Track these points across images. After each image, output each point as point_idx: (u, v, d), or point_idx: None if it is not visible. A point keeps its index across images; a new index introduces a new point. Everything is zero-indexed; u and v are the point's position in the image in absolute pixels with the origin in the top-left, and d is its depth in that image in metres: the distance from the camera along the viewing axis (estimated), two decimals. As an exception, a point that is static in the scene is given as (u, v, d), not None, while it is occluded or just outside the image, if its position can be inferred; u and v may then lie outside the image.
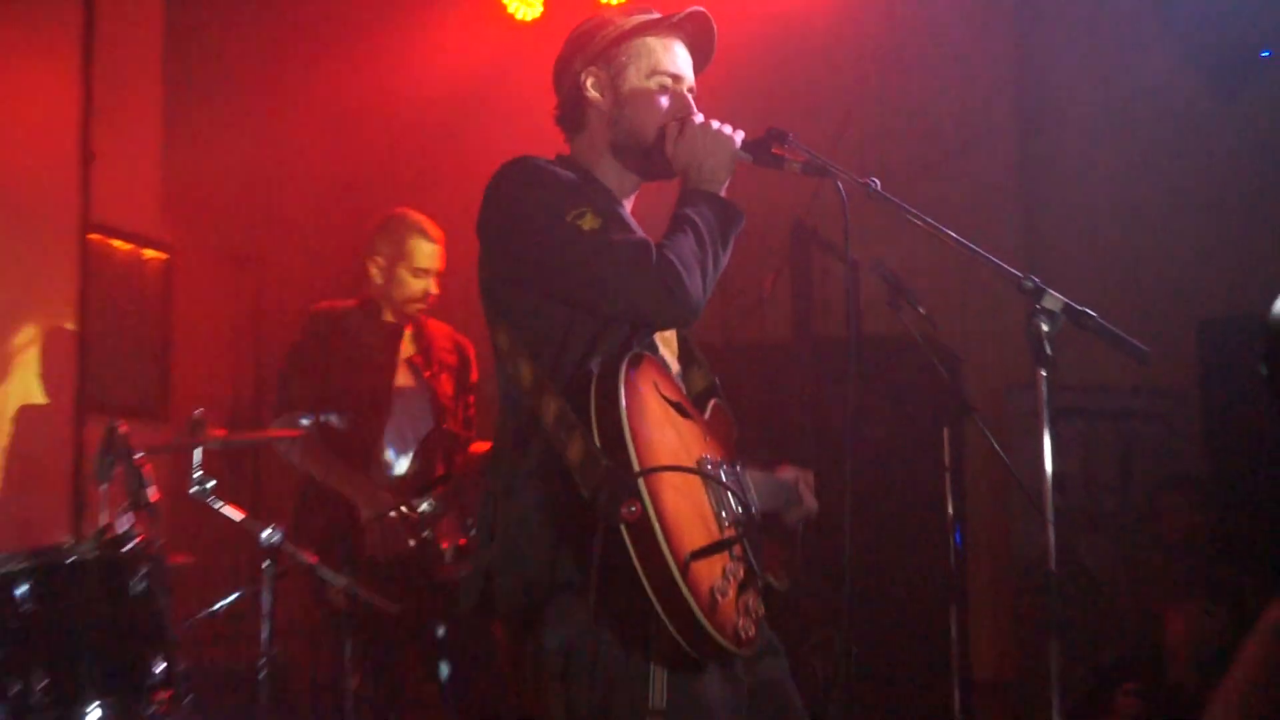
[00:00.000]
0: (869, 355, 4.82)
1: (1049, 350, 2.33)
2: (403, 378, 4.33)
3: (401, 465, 4.24)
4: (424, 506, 3.82)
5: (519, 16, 6.32)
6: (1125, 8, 5.86)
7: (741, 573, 2.33)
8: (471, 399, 4.54)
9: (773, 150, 2.59)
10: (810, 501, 2.78)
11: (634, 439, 2.21)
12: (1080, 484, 5.42)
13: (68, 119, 5.08)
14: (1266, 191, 5.51)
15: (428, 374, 4.35)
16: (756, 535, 2.45)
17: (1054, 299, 2.33)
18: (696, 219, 2.47)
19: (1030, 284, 2.35)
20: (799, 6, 5.97)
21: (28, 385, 5.33)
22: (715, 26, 2.74)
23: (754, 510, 2.50)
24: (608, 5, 5.81)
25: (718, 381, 2.74)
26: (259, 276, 6.45)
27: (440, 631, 4.03)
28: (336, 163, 6.40)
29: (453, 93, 6.14)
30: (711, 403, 2.67)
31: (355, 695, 4.01)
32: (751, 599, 2.36)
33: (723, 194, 2.55)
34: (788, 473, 2.78)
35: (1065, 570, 2.59)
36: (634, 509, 2.15)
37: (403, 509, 3.83)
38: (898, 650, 4.81)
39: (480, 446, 4.32)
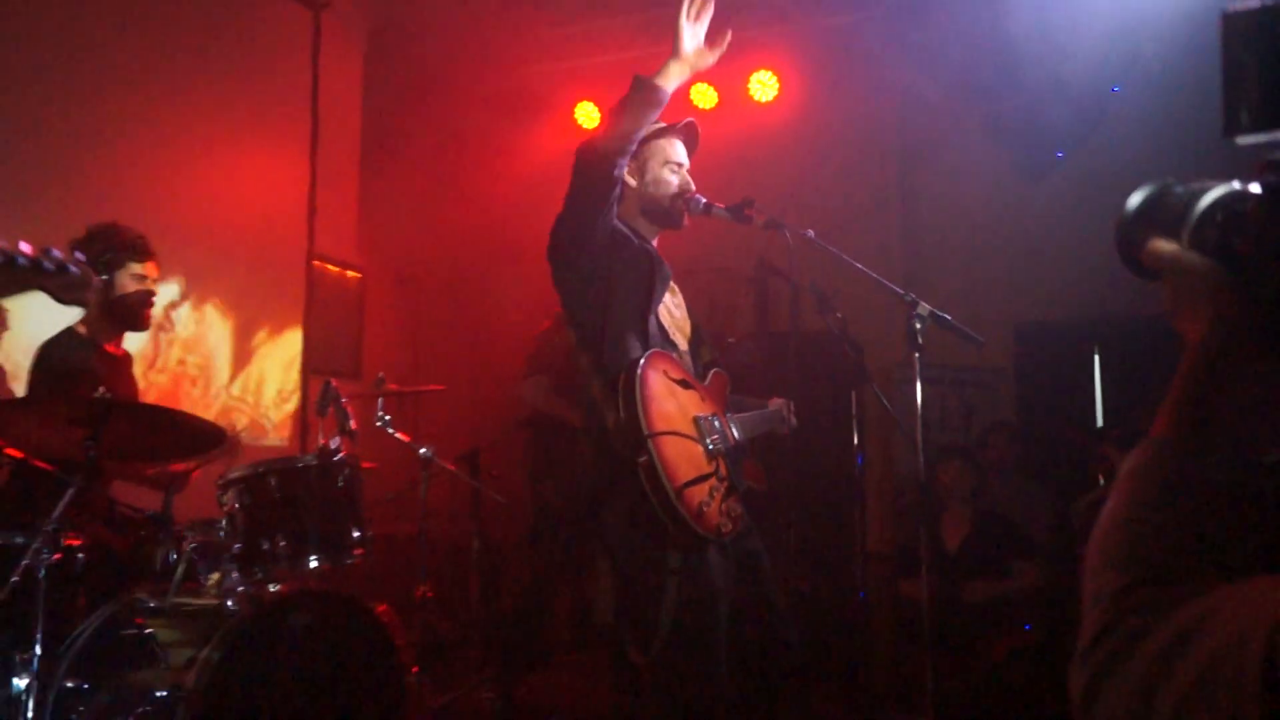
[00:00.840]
0: (804, 344, 4.84)
1: (920, 340, 2.37)
2: None
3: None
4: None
5: (583, 125, 6.36)
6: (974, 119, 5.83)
7: (724, 489, 2.39)
8: None
9: (744, 211, 2.63)
10: (792, 420, 2.83)
11: (643, 413, 2.28)
12: (938, 426, 5.48)
13: (301, 186, 5.14)
14: (1060, 239, 5.52)
15: None
16: (736, 462, 2.51)
17: (924, 307, 2.38)
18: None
19: (910, 297, 2.40)
20: (757, 121, 5.98)
21: (271, 360, 5.39)
22: (699, 131, 2.77)
23: (734, 445, 2.54)
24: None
25: (717, 355, 2.77)
26: (416, 289, 6.49)
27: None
28: (472, 214, 6.39)
29: (547, 167, 6.15)
30: (713, 371, 2.70)
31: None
32: (732, 504, 2.42)
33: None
34: (776, 402, 2.83)
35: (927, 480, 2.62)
36: (644, 459, 2.22)
37: None
38: (820, 533, 4.86)
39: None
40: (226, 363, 5.09)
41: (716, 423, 2.51)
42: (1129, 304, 5.45)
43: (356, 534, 2.96)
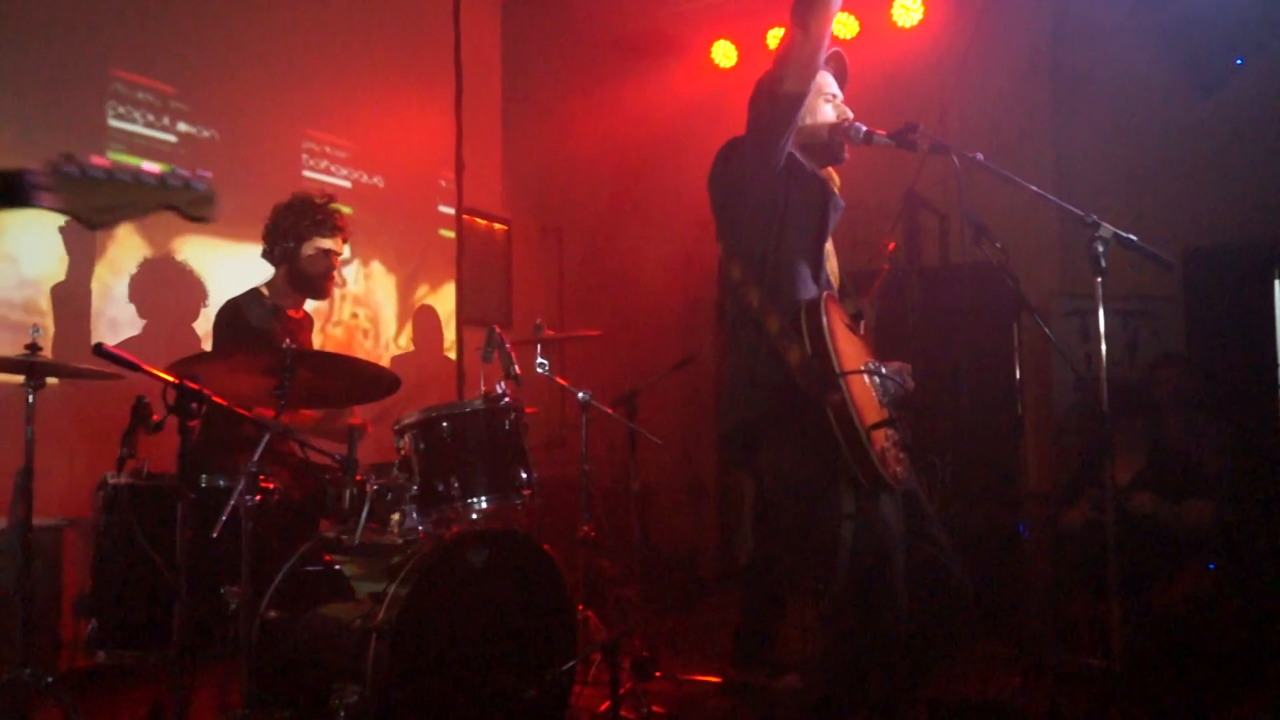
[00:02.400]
0: (962, 277, 4.69)
1: (1104, 264, 2.23)
2: None
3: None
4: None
5: (720, 65, 6.25)
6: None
7: (896, 435, 2.33)
8: None
9: (909, 136, 2.51)
10: (910, 382, 2.63)
11: (835, 350, 2.22)
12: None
13: (449, 144, 5.21)
14: (1233, 157, 5.11)
15: None
16: (903, 411, 2.44)
17: (1107, 229, 2.23)
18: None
19: (1091, 219, 2.25)
20: (902, 48, 5.75)
21: (432, 311, 5.55)
22: (847, 61, 2.67)
23: (901, 393, 2.47)
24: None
25: (862, 308, 2.69)
26: (559, 238, 6.55)
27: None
28: (610, 163, 6.41)
29: (685, 109, 6.09)
30: (861, 323, 2.62)
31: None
32: (902, 451, 2.36)
33: None
34: (895, 364, 2.71)
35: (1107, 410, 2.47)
36: (837, 397, 2.17)
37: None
38: (980, 469, 4.73)
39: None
40: (394, 316, 5.28)
41: (879, 370, 2.45)
42: (1314, 222, 5.08)
43: (524, 475, 3.02)
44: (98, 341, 2.35)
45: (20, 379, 2.71)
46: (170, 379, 2.37)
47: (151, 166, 1.41)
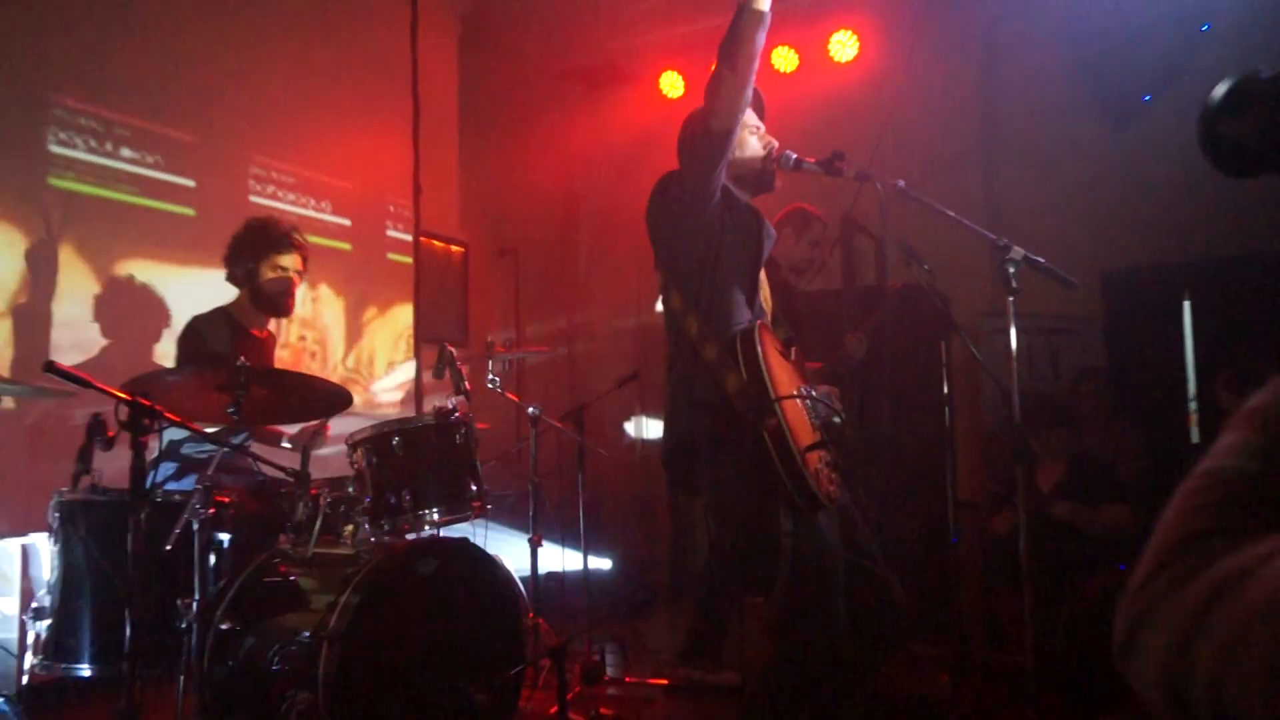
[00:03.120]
0: (894, 298, 4.77)
1: (1014, 284, 2.30)
2: None
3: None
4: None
5: (668, 95, 6.32)
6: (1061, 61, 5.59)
7: (828, 456, 2.37)
8: None
9: (835, 164, 2.56)
10: (837, 406, 2.70)
11: (770, 377, 2.25)
12: (1026, 374, 5.36)
13: (402, 170, 5.20)
14: (1147, 186, 5.28)
15: None
16: (834, 432, 2.48)
17: (1017, 251, 2.30)
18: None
19: (1003, 242, 2.32)
20: (838, 81, 5.85)
21: (383, 331, 5.51)
22: (764, 98, 2.73)
23: (831, 417, 2.52)
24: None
25: (792, 335, 2.73)
26: (515, 259, 6.56)
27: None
28: (564, 186, 6.44)
29: (635, 137, 6.14)
30: (793, 349, 2.66)
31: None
32: (834, 471, 2.40)
33: None
34: (823, 388, 2.75)
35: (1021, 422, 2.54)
36: (773, 422, 2.20)
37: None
38: (912, 481, 4.80)
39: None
40: (341, 338, 5.24)
41: (809, 395, 2.49)
42: (1219, 246, 5.24)
43: (474, 488, 3.01)
44: (49, 359, 2.32)
45: (-25, 397, 2.67)
46: (122, 396, 2.35)
47: None
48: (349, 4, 5.39)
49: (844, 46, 5.85)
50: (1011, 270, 2.31)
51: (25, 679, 2.91)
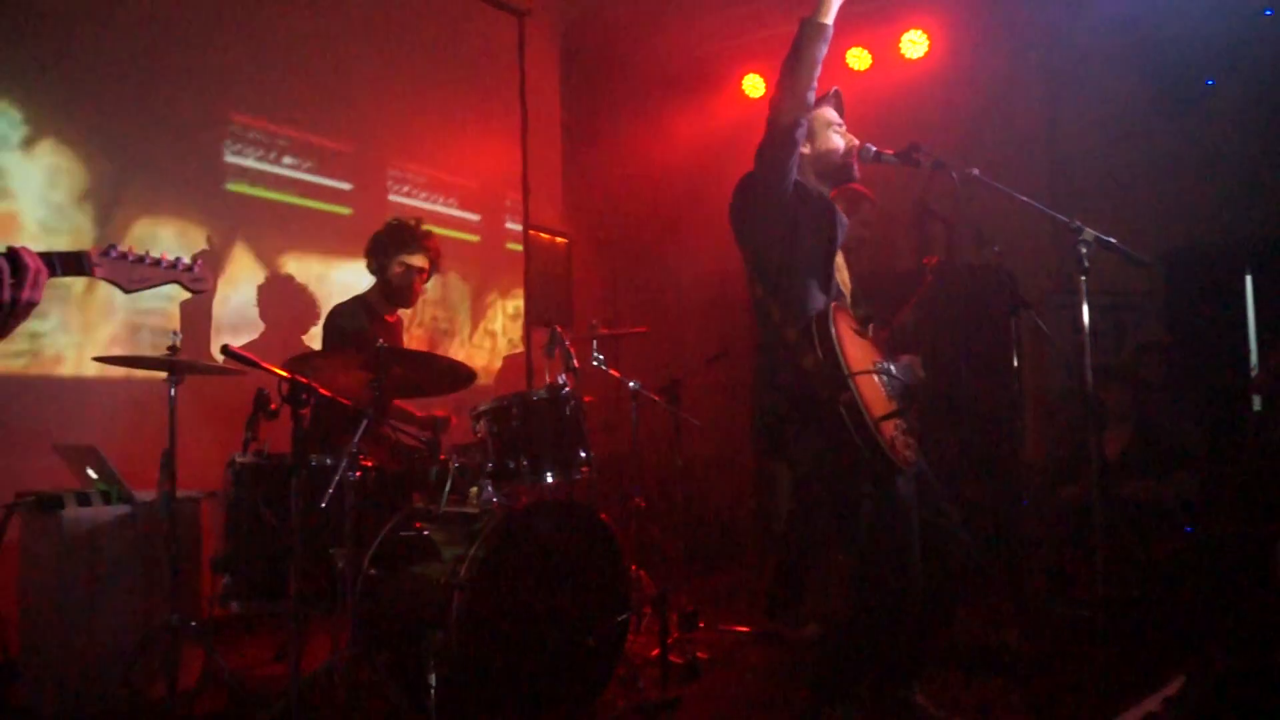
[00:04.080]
0: (964, 277, 4.65)
1: (1086, 264, 2.21)
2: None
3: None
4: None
5: (750, 95, 6.24)
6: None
7: (904, 424, 2.34)
8: None
9: (912, 155, 2.51)
10: (920, 373, 2.67)
11: (843, 355, 2.23)
12: (1091, 348, 5.17)
13: (515, 169, 5.30)
14: (1209, 166, 4.99)
15: None
16: (910, 401, 2.44)
17: (1089, 232, 2.21)
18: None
19: (1075, 224, 2.24)
20: (909, 77, 5.68)
21: (500, 314, 5.62)
22: (843, 97, 2.67)
23: (903, 388, 2.48)
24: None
25: (872, 311, 2.69)
26: (614, 251, 6.60)
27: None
28: (656, 182, 6.43)
29: (720, 135, 6.10)
30: (871, 324, 2.62)
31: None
32: (911, 439, 2.37)
33: None
34: (906, 358, 2.70)
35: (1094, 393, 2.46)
36: (847, 396, 2.18)
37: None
38: (984, 448, 4.68)
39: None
40: (467, 318, 5.37)
41: (886, 368, 2.46)
42: (1282, 224, 4.93)
43: (582, 454, 3.06)
44: (224, 344, 2.44)
45: (164, 376, 2.83)
46: (284, 374, 2.46)
47: (168, 255, 1.73)
48: (467, 25, 5.47)
49: (914, 45, 5.68)
50: (1084, 251, 2.22)
51: (210, 612, 3.09)
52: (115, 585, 2.97)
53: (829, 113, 2.61)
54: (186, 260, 1.76)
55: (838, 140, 2.59)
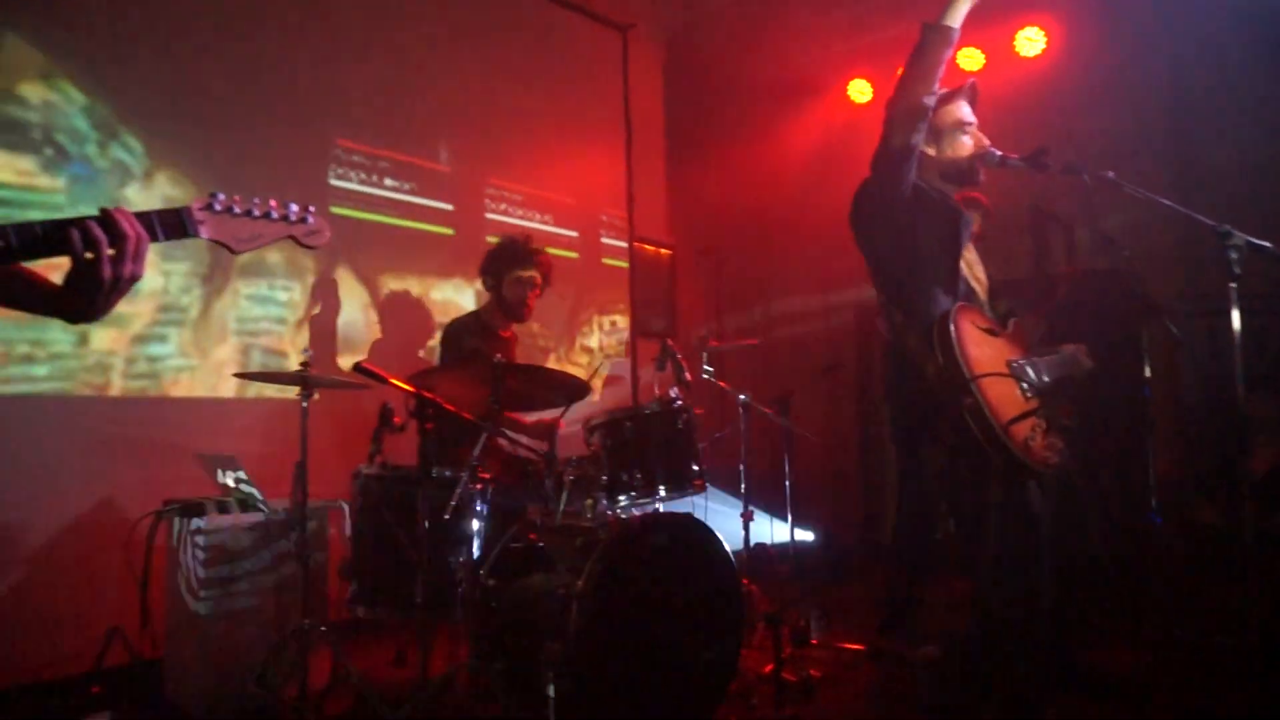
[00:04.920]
0: (1088, 284, 4.44)
1: (1237, 270, 2.08)
2: None
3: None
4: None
5: (856, 101, 6.13)
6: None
7: (1045, 425, 2.25)
8: None
9: (1040, 158, 2.42)
10: (1087, 362, 2.57)
11: (963, 359, 2.17)
12: (1227, 354, 4.83)
13: (619, 182, 5.34)
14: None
15: None
16: (1052, 400, 2.35)
17: (1239, 236, 2.08)
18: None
19: (1224, 228, 2.11)
20: (1024, 77, 5.47)
21: (596, 330, 5.66)
22: (979, 90, 2.58)
23: (1046, 385, 2.38)
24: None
25: (1013, 307, 2.60)
26: (716, 259, 6.58)
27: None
28: (760, 190, 6.38)
29: (825, 141, 6.02)
30: (1012, 320, 2.54)
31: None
32: (1053, 439, 2.27)
33: None
34: (1069, 348, 2.60)
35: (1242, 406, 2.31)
36: (969, 401, 2.12)
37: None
38: (1113, 462, 4.46)
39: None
40: (566, 334, 5.45)
41: (1028, 366, 2.37)
42: None
43: (695, 468, 3.06)
44: (358, 361, 2.55)
45: (296, 391, 2.97)
46: (412, 390, 2.54)
47: (274, 203, 1.46)
48: (571, 43, 5.57)
49: (1031, 42, 5.48)
50: (1234, 256, 2.08)
51: (337, 616, 3.21)
52: (251, 589, 3.13)
53: (960, 110, 2.55)
54: (297, 209, 1.48)
55: (966, 143, 2.52)
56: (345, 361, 4.31)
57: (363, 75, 4.53)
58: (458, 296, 3.92)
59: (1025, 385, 2.29)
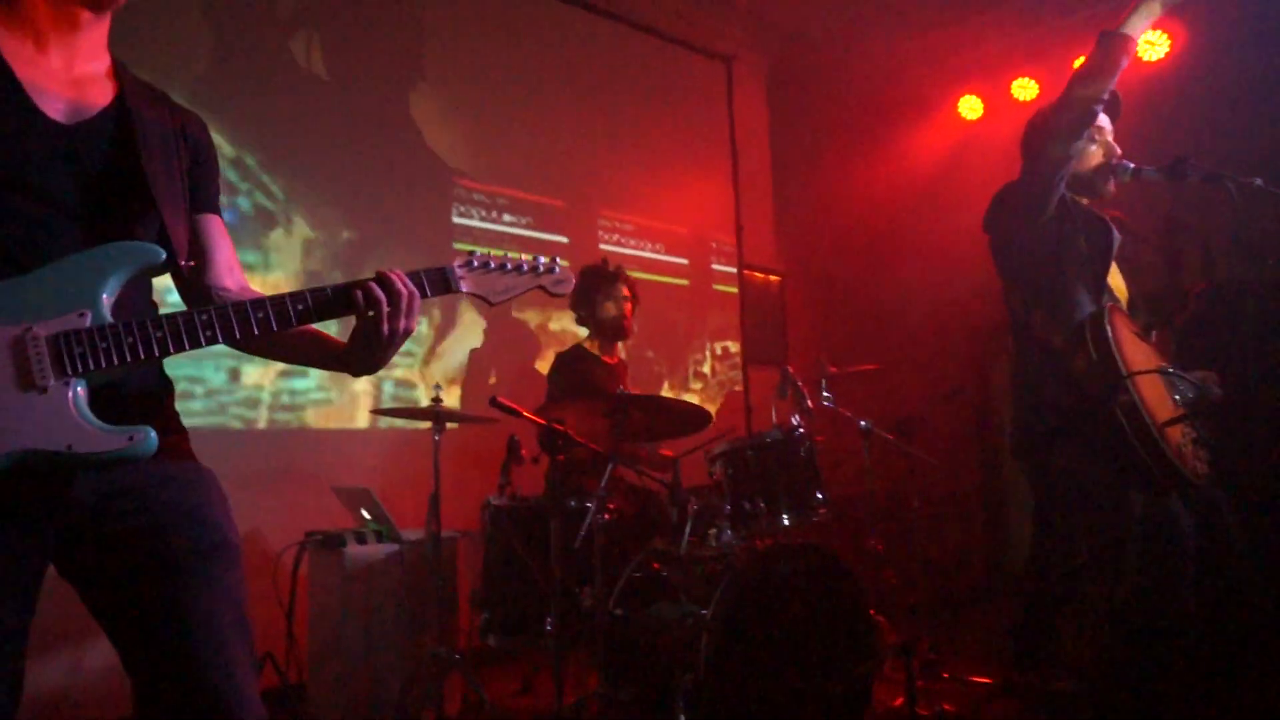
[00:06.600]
0: (1228, 295, 4.20)
1: None
2: None
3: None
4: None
5: (967, 118, 6.01)
6: None
7: (1194, 434, 2.14)
8: None
9: (1179, 169, 2.33)
10: (1216, 392, 2.42)
11: (1120, 354, 2.09)
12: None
13: (727, 209, 5.37)
14: None
15: None
16: (1203, 410, 2.24)
17: None
18: None
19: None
20: (1143, 80, 5.25)
21: (709, 357, 5.67)
22: (1120, 98, 2.50)
23: (1198, 394, 2.28)
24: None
25: (1154, 320, 2.50)
26: (828, 286, 6.53)
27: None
28: (869, 212, 6.31)
29: (935, 160, 5.93)
30: (1154, 333, 2.44)
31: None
32: (1202, 451, 2.16)
33: None
34: (1199, 374, 2.49)
35: None
36: (1124, 397, 2.04)
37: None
38: (1251, 478, 4.17)
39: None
40: (680, 362, 5.48)
41: (1175, 377, 2.27)
42: None
43: (818, 496, 3.03)
44: (493, 395, 2.64)
45: (428, 425, 3.09)
46: (544, 423, 2.62)
47: (525, 258, 1.54)
48: (674, 76, 5.67)
49: (1153, 47, 5.26)
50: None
51: (468, 644, 3.30)
52: (387, 617, 3.25)
53: (1099, 118, 2.47)
54: (545, 260, 1.55)
55: (1097, 155, 2.45)
56: (464, 393, 4.47)
57: (479, 119, 4.73)
58: (575, 327, 4.01)
59: (1175, 391, 2.19)
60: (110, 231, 1.24)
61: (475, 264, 1.47)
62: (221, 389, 3.75)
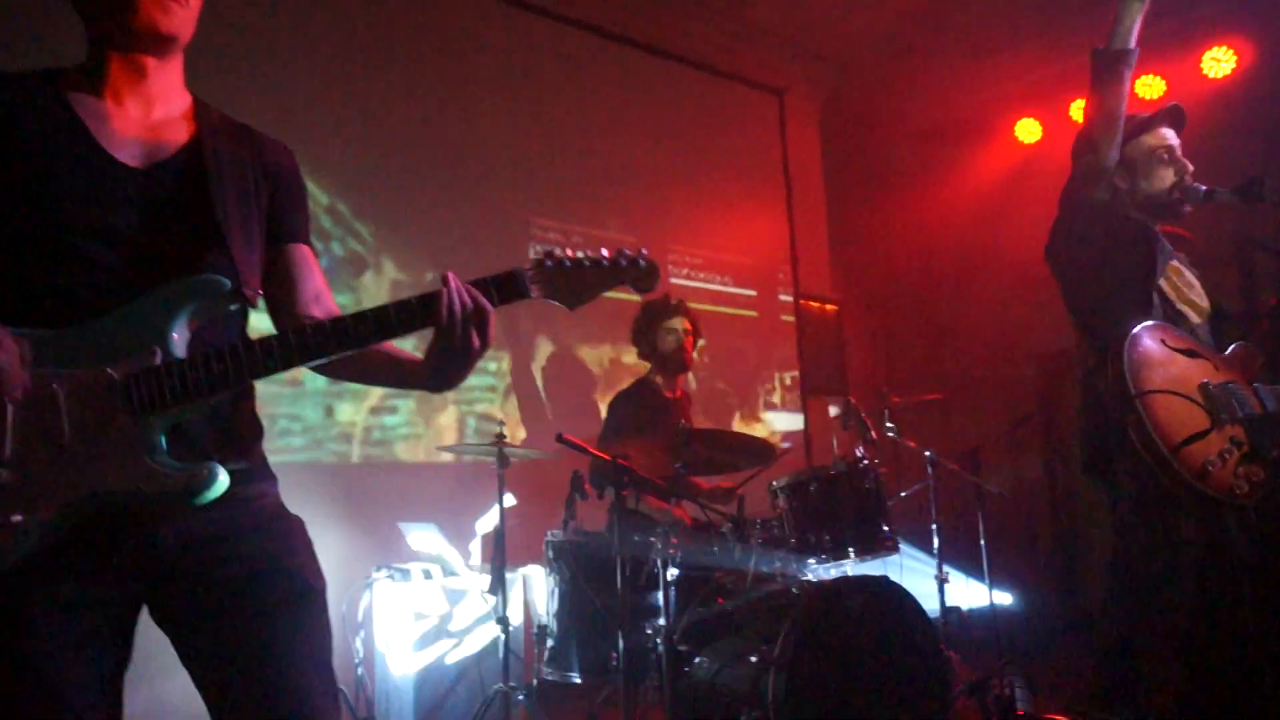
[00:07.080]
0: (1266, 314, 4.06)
1: None
2: None
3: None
4: None
5: (1024, 141, 5.93)
6: None
7: (1241, 453, 2.07)
8: None
9: (1254, 189, 2.27)
10: None
11: (1130, 374, 2.08)
12: None
13: (783, 240, 5.36)
14: None
15: None
16: (1261, 429, 2.16)
17: None
18: None
19: None
20: (1212, 98, 5.11)
21: (778, 386, 5.66)
22: (1184, 111, 2.45)
23: (1256, 412, 2.19)
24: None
25: (1245, 331, 2.43)
26: (884, 314, 6.47)
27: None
28: (925, 239, 6.26)
29: (994, 185, 5.86)
30: (1237, 344, 2.36)
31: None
32: (1253, 469, 2.09)
33: None
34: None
35: None
36: (1132, 417, 2.02)
37: None
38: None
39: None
40: (749, 392, 5.48)
41: (1234, 389, 2.18)
42: None
43: (885, 528, 2.99)
44: (559, 432, 2.66)
45: (493, 459, 3.13)
46: (609, 459, 2.63)
47: (606, 251, 1.41)
48: (729, 110, 5.73)
49: (1219, 63, 5.14)
50: None
51: (534, 678, 3.31)
52: (453, 652, 3.28)
53: (1163, 135, 2.42)
54: (629, 253, 1.40)
55: (1168, 176, 2.39)
56: (532, 424, 4.52)
57: (551, 160, 4.87)
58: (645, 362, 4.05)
59: (1223, 411, 2.11)
60: (180, 268, 1.22)
61: (549, 264, 1.38)
62: (318, 425, 3.88)
